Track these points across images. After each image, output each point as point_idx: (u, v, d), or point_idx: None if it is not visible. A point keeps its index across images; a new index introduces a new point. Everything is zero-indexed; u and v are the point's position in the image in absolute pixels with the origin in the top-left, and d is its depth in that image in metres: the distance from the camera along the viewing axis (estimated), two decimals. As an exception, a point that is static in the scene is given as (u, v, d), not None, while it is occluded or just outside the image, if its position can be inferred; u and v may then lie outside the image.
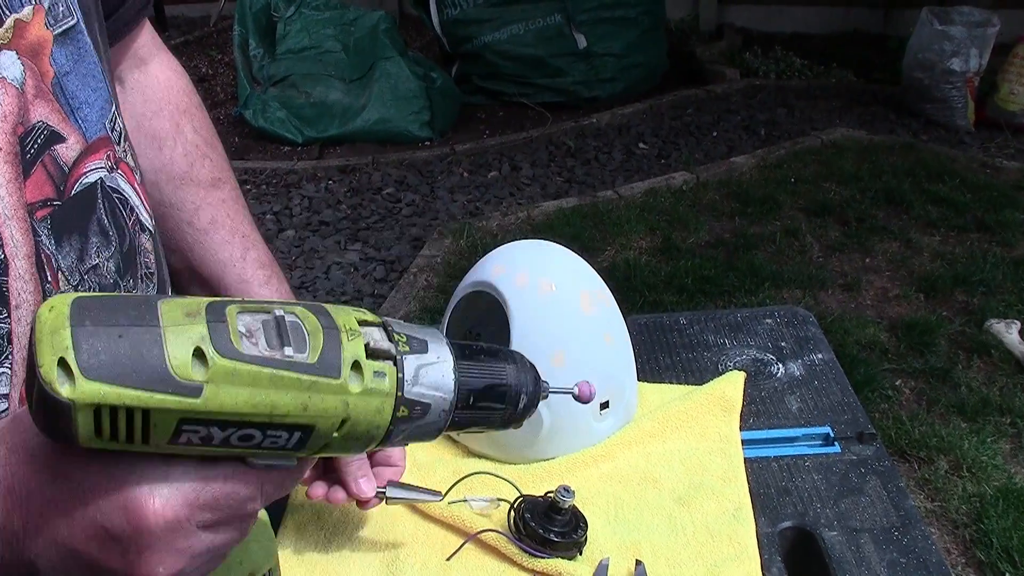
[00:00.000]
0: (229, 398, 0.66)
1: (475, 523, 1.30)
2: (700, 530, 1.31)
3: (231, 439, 0.69)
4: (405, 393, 0.75)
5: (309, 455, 0.76)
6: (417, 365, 0.76)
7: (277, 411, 0.68)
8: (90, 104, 0.97)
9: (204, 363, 0.66)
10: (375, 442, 0.76)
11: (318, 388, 0.69)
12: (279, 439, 0.70)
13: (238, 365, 0.67)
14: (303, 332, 0.70)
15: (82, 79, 0.96)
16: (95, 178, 0.97)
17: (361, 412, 0.72)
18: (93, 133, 0.97)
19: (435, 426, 0.78)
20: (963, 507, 3.07)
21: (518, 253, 1.50)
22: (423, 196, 5.57)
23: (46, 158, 0.90)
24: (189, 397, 0.65)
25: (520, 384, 0.85)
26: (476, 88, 6.83)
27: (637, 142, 6.19)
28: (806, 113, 6.45)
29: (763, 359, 1.66)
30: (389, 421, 0.74)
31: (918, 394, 3.63)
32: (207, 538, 0.73)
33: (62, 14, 0.93)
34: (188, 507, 0.71)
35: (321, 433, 0.71)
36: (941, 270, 4.45)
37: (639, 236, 4.86)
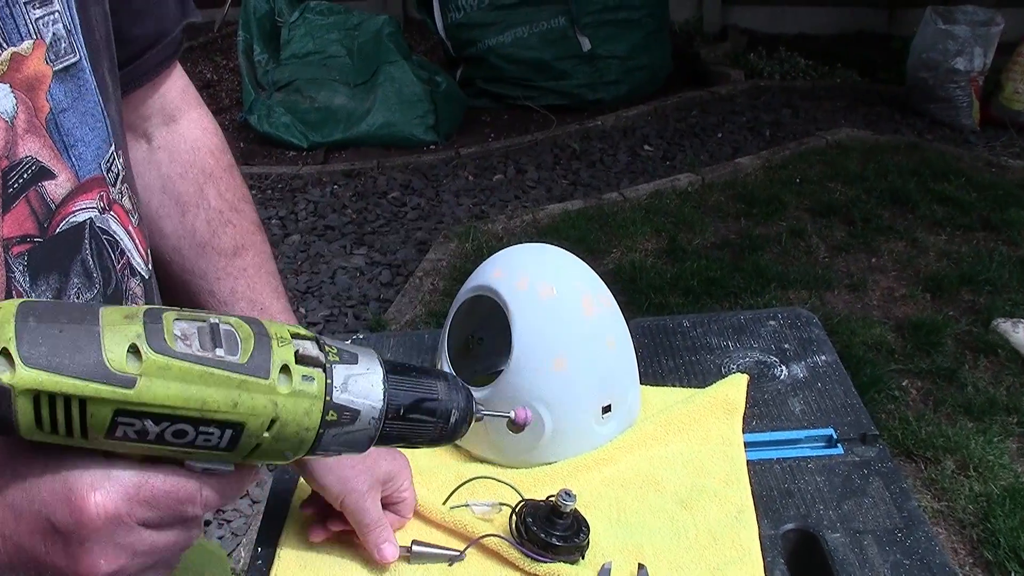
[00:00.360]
0: (161, 390, 0.70)
1: (477, 528, 1.31)
2: (703, 533, 1.31)
3: (165, 434, 0.72)
4: (334, 398, 0.78)
5: (244, 460, 0.78)
6: (347, 374, 0.79)
7: (208, 406, 0.72)
8: (86, 143, 0.95)
9: (138, 358, 0.70)
10: (305, 447, 0.78)
11: (247, 387, 0.73)
12: (211, 436, 0.73)
13: (171, 361, 0.71)
14: (236, 337, 0.74)
15: (80, 117, 0.95)
16: (84, 218, 0.96)
17: (290, 413, 0.75)
18: (87, 172, 0.96)
19: (365, 434, 0.81)
20: (970, 507, 3.07)
21: (519, 257, 1.50)
22: (428, 200, 5.58)
23: (31, 193, 0.89)
24: (123, 388, 0.69)
25: (451, 400, 0.88)
26: (480, 91, 6.83)
27: (642, 144, 6.19)
28: (811, 114, 6.44)
29: (766, 361, 1.65)
30: (318, 424, 0.77)
31: (925, 394, 3.62)
32: (148, 537, 0.75)
33: (64, 51, 0.92)
34: (128, 502, 0.73)
35: (252, 432, 0.74)
36: (947, 269, 4.45)
37: (644, 238, 4.85)
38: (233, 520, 3.30)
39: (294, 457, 0.79)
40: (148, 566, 0.77)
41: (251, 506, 3.36)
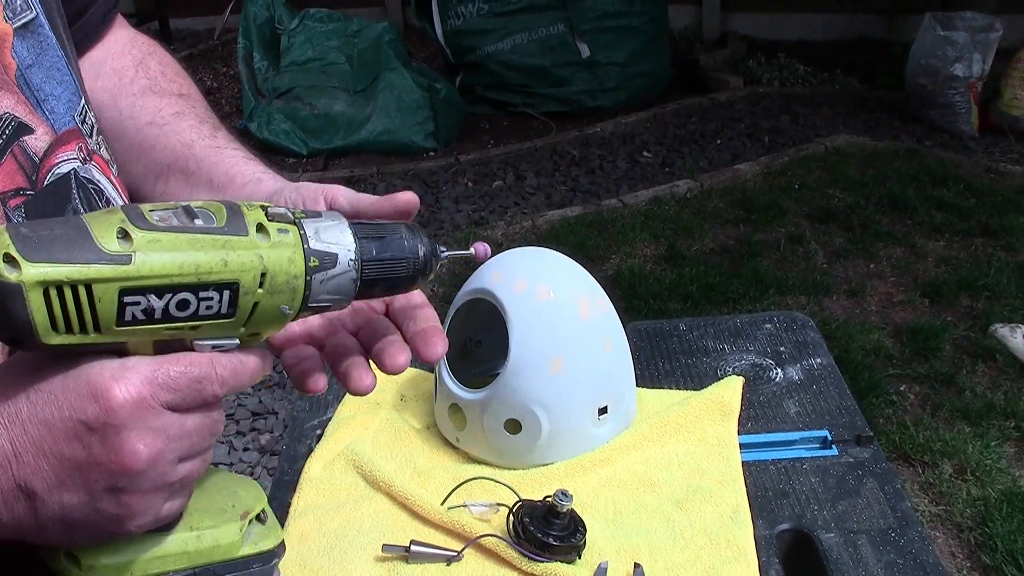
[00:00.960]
0: (158, 261, 0.74)
1: (475, 528, 1.32)
2: (698, 533, 1.32)
3: (170, 308, 0.76)
4: (311, 246, 0.83)
5: (247, 329, 0.82)
6: (316, 226, 0.84)
7: (202, 269, 0.76)
8: (56, 96, 0.97)
9: (128, 239, 0.74)
10: (298, 297, 0.83)
11: (232, 245, 0.78)
12: (212, 302, 0.78)
13: (158, 234, 0.75)
14: (209, 212, 0.79)
15: (46, 71, 0.96)
16: (68, 169, 0.98)
17: (275, 264, 0.80)
18: (62, 125, 0.98)
19: (348, 277, 0.85)
20: (968, 511, 3.08)
21: (516, 260, 1.51)
22: (428, 206, 5.58)
23: (15, 148, 0.91)
24: (122, 265, 0.73)
25: (415, 239, 0.92)
26: (480, 98, 6.84)
27: (641, 151, 6.20)
28: (810, 120, 6.46)
29: (762, 364, 1.67)
30: (304, 271, 0.82)
31: (923, 399, 3.63)
32: (176, 420, 0.78)
33: (20, 7, 0.94)
34: (150, 385, 0.76)
35: (246, 288, 0.79)
36: (945, 275, 4.46)
37: (644, 244, 4.86)
38: (233, 525, 3.31)
39: (291, 313, 0.83)
40: (184, 453, 0.80)
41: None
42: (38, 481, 0.76)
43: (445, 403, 1.50)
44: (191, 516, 0.89)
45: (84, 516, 0.78)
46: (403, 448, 1.53)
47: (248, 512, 0.94)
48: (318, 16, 6.64)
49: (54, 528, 0.78)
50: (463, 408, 1.47)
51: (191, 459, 0.81)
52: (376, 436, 1.54)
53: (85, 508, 0.77)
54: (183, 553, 0.88)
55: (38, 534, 0.79)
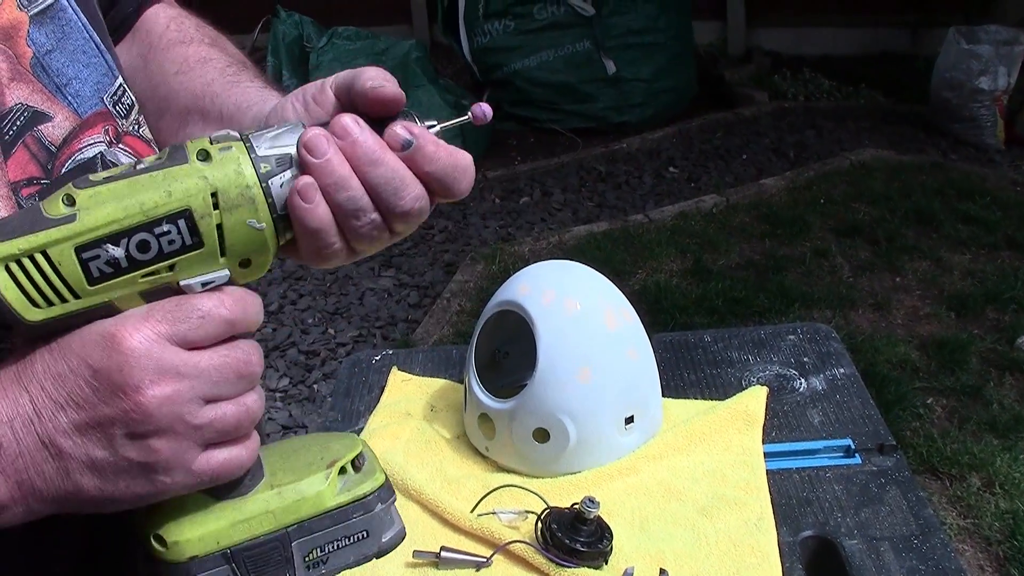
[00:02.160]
0: (100, 211, 0.76)
1: (504, 534, 1.34)
2: (723, 540, 1.34)
3: (132, 253, 0.77)
4: (259, 153, 0.81)
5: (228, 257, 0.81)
6: (265, 135, 0.82)
7: (147, 205, 0.77)
8: (82, 79, 0.96)
9: (72, 201, 0.76)
10: (261, 204, 0.80)
11: (173, 175, 0.78)
12: (171, 236, 0.78)
13: (98, 188, 0.77)
14: (156, 157, 0.80)
15: (70, 55, 0.95)
16: (93, 152, 0.96)
17: (222, 179, 0.79)
18: (88, 108, 0.96)
19: None
20: (996, 524, 3.08)
21: (543, 273, 1.54)
22: (455, 222, 5.62)
23: (28, 138, 0.90)
24: (67, 224, 0.75)
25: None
26: (507, 115, 6.87)
27: (667, 166, 6.22)
28: (835, 134, 6.46)
29: (786, 374, 1.69)
30: (256, 178, 0.80)
31: (950, 412, 3.63)
32: (188, 357, 0.78)
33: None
34: (150, 322, 0.77)
35: (200, 212, 0.78)
36: (972, 288, 4.46)
37: (670, 259, 4.88)
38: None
39: (263, 225, 0.81)
40: (206, 393, 0.79)
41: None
42: (61, 437, 0.77)
43: (475, 413, 1.53)
44: (274, 475, 0.89)
45: (113, 470, 0.78)
46: (434, 457, 1.56)
47: (336, 460, 0.91)
48: (346, 34, 6.69)
49: (89, 488, 0.78)
50: (492, 418, 1.49)
51: (219, 401, 0.80)
52: (407, 445, 1.57)
53: (111, 459, 0.78)
54: (266, 513, 0.87)
55: (76, 500, 0.79)
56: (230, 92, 1.09)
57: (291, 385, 4.15)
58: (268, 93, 1.07)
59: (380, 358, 1.85)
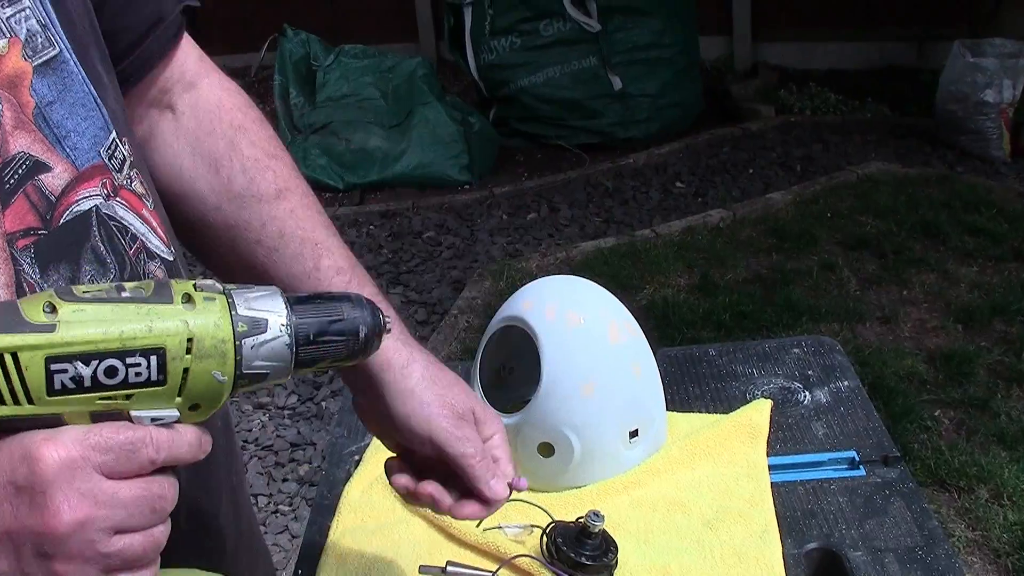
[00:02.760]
0: (80, 330, 0.76)
1: (509, 549, 1.35)
2: (728, 552, 1.35)
3: (99, 375, 0.77)
4: (239, 312, 0.83)
5: (183, 400, 0.82)
6: (246, 295, 0.85)
7: (126, 335, 0.78)
8: (80, 132, 0.96)
9: (54, 311, 0.76)
10: (230, 361, 0.82)
11: (156, 312, 0.79)
12: (140, 368, 0.79)
13: (84, 305, 0.77)
14: (139, 288, 0.81)
15: (69, 108, 0.95)
16: (89, 206, 0.96)
17: (201, 328, 0.80)
18: (85, 161, 0.96)
19: (281, 342, 0.85)
20: (1004, 536, 3.07)
21: (547, 288, 1.55)
22: (463, 239, 5.64)
23: (28, 187, 0.90)
24: (46, 333, 0.75)
25: (357, 318, 0.91)
26: (514, 131, 6.89)
27: (674, 181, 6.23)
28: (841, 148, 6.46)
29: (790, 387, 1.70)
30: (232, 335, 0.82)
31: (957, 424, 3.63)
32: (109, 486, 0.77)
33: (41, 45, 0.93)
34: (80, 445, 0.76)
35: (174, 353, 0.79)
36: (979, 300, 4.45)
37: (677, 274, 4.89)
38: (273, 555, 3.34)
39: (226, 380, 0.83)
40: (119, 523, 0.78)
41: (291, 541, 3.41)
42: None
43: (480, 428, 1.53)
44: None
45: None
46: (439, 472, 1.56)
47: None
48: (353, 52, 6.72)
49: None
50: (497, 433, 1.50)
51: (130, 533, 0.79)
52: (413, 461, 1.58)
53: (13, 573, 0.76)
54: None
55: None
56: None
57: (299, 403, 4.16)
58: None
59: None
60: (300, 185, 1.23)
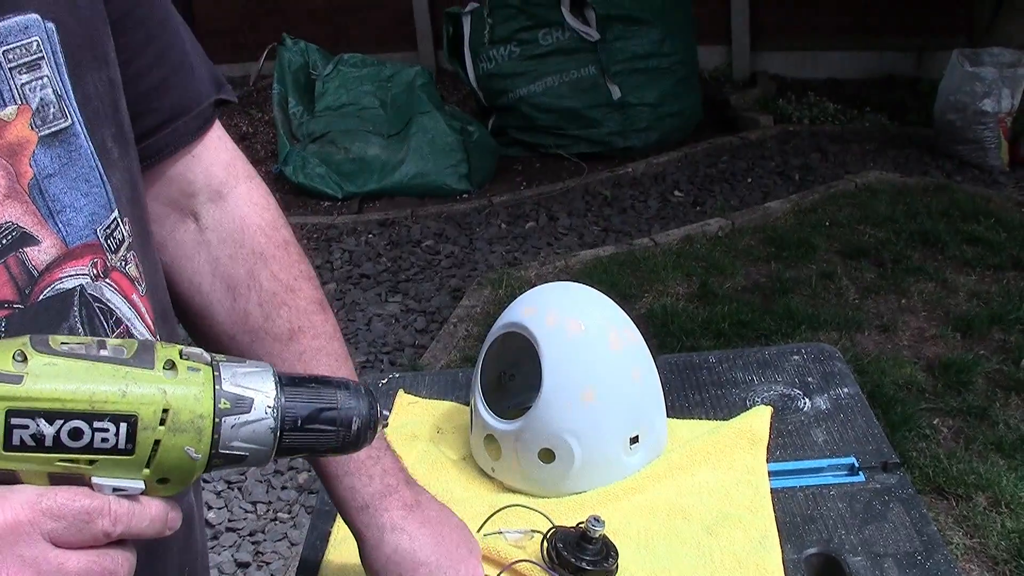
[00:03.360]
0: (48, 385, 0.72)
1: (510, 554, 1.35)
2: (728, 558, 1.35)
3: (61, 435, 0.72)
4: (223, 387, 0.78)
5: (151, 474, 0.77)
6: (234, 370, 0.80)
7: (96, 397, 0.73)
8: (76, 208, 0.93)
9: (24, 360, 0.72)
10: (206, 438, 0.78)
11: (134, 377, 0.74)
12: (107, 434, 0.74)
13: (56, 359, 0.73)
14: (121, 347, 0.77)
15: (70, 182, 0.92)
16: (73, 284, 0.93)
17: (180, 400, 0.76)
18: (77, 239, 0.93)
19: (265, 424, 0.80)
20: (1002, 543, 3.08)
21: (548, 295, 1.55)
22: (462, 248, 5.64)
23: (10, 259, 0.87)
24: (11, 384, 0.71)
25: (352, 408, 0.87)
26: (512, 140, 6.90)
27: (672, 190, 6.24)
28: (840, 157, 6.48)
29: (790, 394, 1.70)
30: (212, 411, 0.77)
31: (956, 432, 3.64)
32: (56, 556, 0.74)
33: (53, 116, 0.90)
34: (30, 509, 0.72)
35: (146, 423, 0.74)
36: (977, 309, 4.46)
37: (676, 282, 4.90)
38: (272, 563, 3.35)
39: (200, 457, 0.78)
40: None
41: (290, 548, 3.41)
42: None
43: (480, 434, 1.54)
44: None
45: None
46: (440, 478, 1.57)
47: None
48: (352, 61, 6.73)
49: None
50: (498, 439, 1.51)
51: None
52: (414, 467, 1.58)
53: None
54: None
55: None
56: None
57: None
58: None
59: (387, 381, 1.86)
60: (317, 322, 1.22)
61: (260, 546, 3.43)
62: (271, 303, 1.18)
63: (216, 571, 3.33)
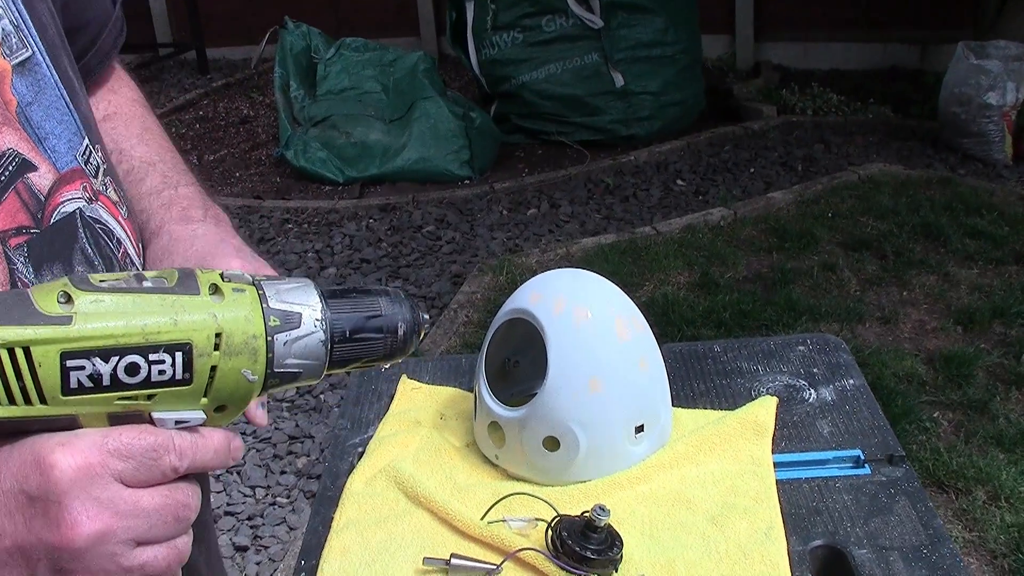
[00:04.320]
0: (99, 322, 0.71)
1: (514, 542, 1.34)
2: (733, 549, 1.34)
3: (118, 373, 0.72)
4: (270, 305, 0.79)
5: (210, 401, 0.77)
6: (278, 287, 0.81)
7: (149, 329, 0.72)
8: (57, 135, 0.94)
9: (70, 301, 0.71)
10: (261, 359, 0.78)
11: (182, 305, 0.74)
12: (164, 366, 0.73)
13: (102, 295, 0.72)
14: (161, 277, 0.76)
15: (46, 110, 0.93)
16: (73, 208, 0.94)
17: (230, 322, 0.76)
18: (64, 164, 0.94)
19: (316, 338, 0.81)
20: (1001, 537, 3.08)
21: (554, 281, 1.54)
22: (463, 234, 5.63)
23: (19, 185, 0.88)
24: (62, 325, 0.70)
25: (395, 314, 0.87)
26: (515, 127, 6.89)
27: (675, 179, 6.23)
28: (843, 149, 6.47)
29: (795, 385, 1.69)
30: (263, 330, 0.77)
31: (956, 426, 3.63)
32: (130, 495, 0.73)
33: (16, 46, 0.91)
34: (98, 451, 0.72)
35: (201, 349, 0.74)
36: (979, 303, 4.46)
37: (677, 272, 4.89)
38: (271, 547, 3.35)
39: (257, 379, 0.78)
40: (141, 535, 0.74)
41: (288, 532, 3.40)
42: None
43: (485, 421, 1.53)
44: None
45: None
46: (444, 465, 1.56)
47: None
48: (354, 46, 6.72)
49: None
50: (502, 426, 1.50)
51: (152, 545, 0.75)
52: (417, 454, 1.57)
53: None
54: None
55: None
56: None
57: (298, 395, 4.15)
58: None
59: (389, 367, 1.85)
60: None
61: (258, 530, 3.43)
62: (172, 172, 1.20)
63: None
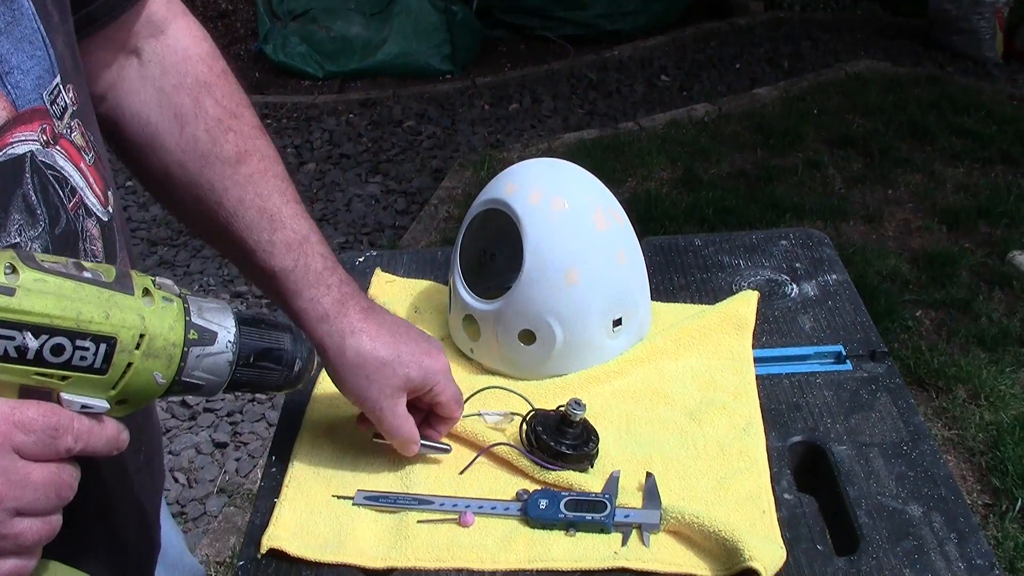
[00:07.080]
0: (39, 300, 0.76)
1: (488, 437, 1.32)
2: (711, 444, 1.32)
3: (44, 351, 0.77)
4: (192, 318, 0.86)
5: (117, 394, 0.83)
6: (200, 304, 0.88)
7: (83, 317, 0.78)
8: (24, 71, 0.90)
9: (16, 274, 0.75)
10: (174, 365, 0.85)
11: (116, 302, 0.80)
12: (87, 353, 0.79)
13: (46, 276, 0.77)
14: (98, 270, 0.81)
15: (15, 43, 0.89)
16: (24, 150, 0.90)
17: (156, 327, 0.83)
18: (25, 102, 0.90)
19: (224, 358, 0.89)
20: (980, 435, 3.09)
21: (531, 171, 1.50)
22: (444, 129, 5.57)
23: None
24: (4, 295, 0.74)
25: (296, 351, 0.99)
26: (497, 22, 6.79)
27: (659, 75, 6.16)
28: (831, 46, 6.39)
29: (777, 279, 1.66)
30: (183, 341, 0.85)
31: (938, 324, 3.63)
32: (23, 467, 0.77)
33: None
34: (3, 420, 0.76)
35: (124, 346, 0.81)
36: (964, 202, 4.43)
37: (660, 168, 4.85)
38: (250, 443, 3.34)
39: (164, 383, 0.85)
40: (24, 506, 0.77)
41: (267, 429, 3.39)
42: None
43: (459, 314, 1.50)
44: None
45: None
46: (417, 358, 1.53)
47: None
48: (332, -62, 6.59)
49: None
50: (477, 319, 1.47)
51: (30, 517, 0.79)
52: (390, 347, 1.54)
53: None
54: None
55: None
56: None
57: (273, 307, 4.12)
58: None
59: (363, 259, 1.81)
60: (261, 146, 1.24)
61: (238, 427, 3.42)
62: (217, 128, 1.20)
63: (194, 451, 3.32)
